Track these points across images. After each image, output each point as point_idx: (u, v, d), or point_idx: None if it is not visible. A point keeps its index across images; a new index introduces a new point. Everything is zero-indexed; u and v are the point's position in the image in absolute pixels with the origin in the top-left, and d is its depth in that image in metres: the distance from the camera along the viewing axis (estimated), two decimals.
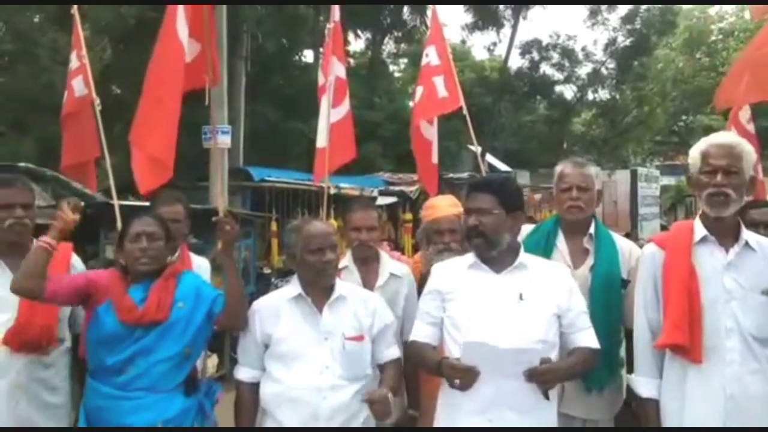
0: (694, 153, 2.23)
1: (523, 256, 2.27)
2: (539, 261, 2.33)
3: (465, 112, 4.37)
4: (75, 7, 4.25)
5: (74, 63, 4.13)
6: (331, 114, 4.42)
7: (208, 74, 2.96)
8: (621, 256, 2.62)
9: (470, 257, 2.30)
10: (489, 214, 2.22)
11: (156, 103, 3.18)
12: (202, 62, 3.09)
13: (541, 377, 2.04)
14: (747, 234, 2.20)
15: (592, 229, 2.64)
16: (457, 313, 2.22)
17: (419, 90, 4.52)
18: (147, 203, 3.23)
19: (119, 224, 3.31)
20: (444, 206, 3.08)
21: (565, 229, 2.64)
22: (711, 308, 2.13)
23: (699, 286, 2.15)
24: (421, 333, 2.30)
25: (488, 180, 2.38)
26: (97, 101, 3.93)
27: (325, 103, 4.41)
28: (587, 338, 2.22)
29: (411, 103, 4.63)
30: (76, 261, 2.75)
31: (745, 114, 5.08)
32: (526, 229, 2.72)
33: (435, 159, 4.49)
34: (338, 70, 4.53)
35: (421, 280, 2.71)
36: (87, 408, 2.32)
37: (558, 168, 2.70)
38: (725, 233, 2.19)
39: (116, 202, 3.67)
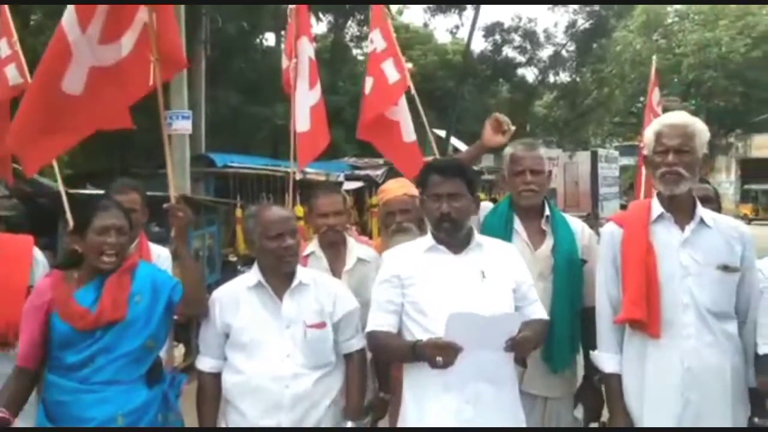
0: (649, 133, 2.28)
1: (477, 236, 2.31)
2: (489, 240, 2.37)
3: (414, 92, 4.26)
4: None
5: (5, 51, 3.98)
6: (309, 97, 4.30)
7: (153, 56, 2.82)
8: (576, 236, 2.64)
9: (426, 240, 2.30)
10: (462, 199, 2.24)
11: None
12: (141, 62, 2.89)
13: (521, 345, 2.08)
14: (702, 211, 2.26)
15: (547, 211, 2.65)
16: (420, 297, 2.21)
17: (369, 81, 4.27)
18: (103, 192, 3.16)
19: (69, 215, 3.23)
20: (394, 188, 3.09)
21: (520, 212, 2.64)
22: (668, 284, 2.19)
23: (656, 262, 2.20)
24: (382, 322, 2.25)
25: (454, 164, 2.34)
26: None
27: (301, 85, 4.27)
28: (539, 310, 2.30)
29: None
30: (38, 255, 2.65)
31: (655, 97, 5.46)
32: (485, 208, 2.73)
33: (408, 137, 4.19)
34: (310, 51, 4.40)
35: None
36: (47, 403, 2.25)
37: (508, 150, 2.68)
38: (681, 211, 2.25)
39: (63, 190, 3.58)
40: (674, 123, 2.23)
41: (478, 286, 2.20)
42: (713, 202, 2.68)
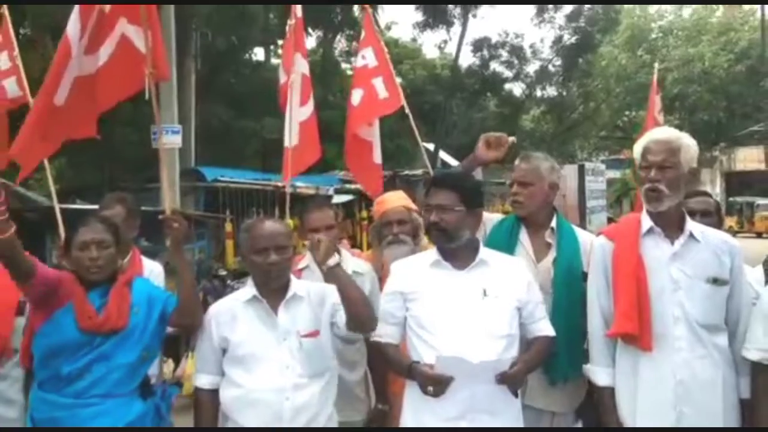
0: (637, 149, 2.31)
1: (483, 252, 2.31)
2: (498, 256, 2.37)
3: (408, 111, 4.34)
4: (4, 6, 4.12)
5: (5, 63, 4.01)
6: (300, 113, 4.35)
7: (148, 70, 2.77)
8: (583, 249, 2.60)
9: (432, 255, 2.32)
10: (450, 211, 2.24)
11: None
12: (114, 73, 2.92)
13: (512, 380, 2.11)
14: (691, 225, 2.29)
15: (553, 223, 2.65)
16: (421, 312, 2.23)
17: (358, 93, 4.39)
18: (95, 207, 3.15)
19: (62, 229, 3.21)
20: (392, 199, 3.11)
21: (528, 224, 2.65)
22: (659, 298, 2.22)
23: (647, 276, 2.23)
24: (383, 332, 2.31)
25: (449, 176, 2.37)
26: (32, 103, 3.80)
27: (292, 100, 4.32)
28: (544, 327, 2.31)
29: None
30: None
31: (657, 105, 5.56)
32: (490, 219, 2.72)
33: (377, 159, 4.39)
34: (303, 67, 4.46)
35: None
36: (36, 421, 2.23)
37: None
38: (670, 225, 2.28)
39: (57, 205, 3.55)
40: (658, 139, 2.26)
41: (478, 304, 2.21)
42: (712, 216, 2.67)
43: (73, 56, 2.95)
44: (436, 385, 2.06)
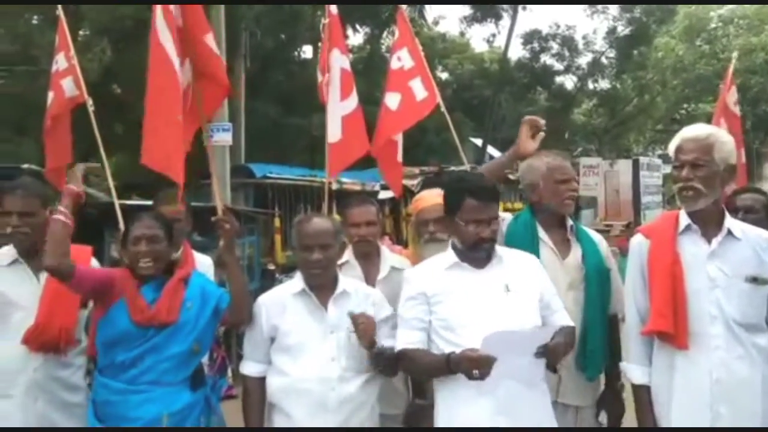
0: (671, 147, 2.27)
1: (498, 249, 2.33)
2: (509, 251, 2.39)
3: (443, 108, 4.33)
4: (60, 8, 4.27)
5: (62, 64, 4.10)
6: (341, 107, 4.38)
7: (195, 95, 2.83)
8: (598, 245, 2.71)
9: (449, 257, 2.32)
10: (497, 221, 2.31)
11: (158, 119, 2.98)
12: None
13: (553, 352, 2.12)
14: (730, 222, 2.25)
15: (570, 221, 2.68)
16: (449, 314, 2.22)
17: (395, 97, 4.33)
18: (150, 202, 3.28)
19: (121, 225, 3.36)
20: (428, 198, 3.12)
21: (544, 221, 2.65)
22: (695, 296, 2.19)
23: (683, 274, 2.20)
24: (411, 339, 2.27)
25: (491, 188, 2.32)
26: (90, 102, 3.93)
27: (332, 95, 4.36)
28: (564, 318, 2.33)
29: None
30: (96, 265, 2.81)
31: (732, 96, 5.16)
32: (504, 218, 2.74)
33: (400, 156, 4.41)
34: (342, 62, 4.49)
35: None
36: (96, 403, 2.40)
37: (546, 161, 2.68)
38: (708, 222, 2.24)
39: (116, 201, 3.70)
40: (690, 136, 2.21)
41: (504, 299, 2.23)
42: (758, 212, 2.64)
43: (176, 67, 2.91)
44: (482, 367, 2.03)
